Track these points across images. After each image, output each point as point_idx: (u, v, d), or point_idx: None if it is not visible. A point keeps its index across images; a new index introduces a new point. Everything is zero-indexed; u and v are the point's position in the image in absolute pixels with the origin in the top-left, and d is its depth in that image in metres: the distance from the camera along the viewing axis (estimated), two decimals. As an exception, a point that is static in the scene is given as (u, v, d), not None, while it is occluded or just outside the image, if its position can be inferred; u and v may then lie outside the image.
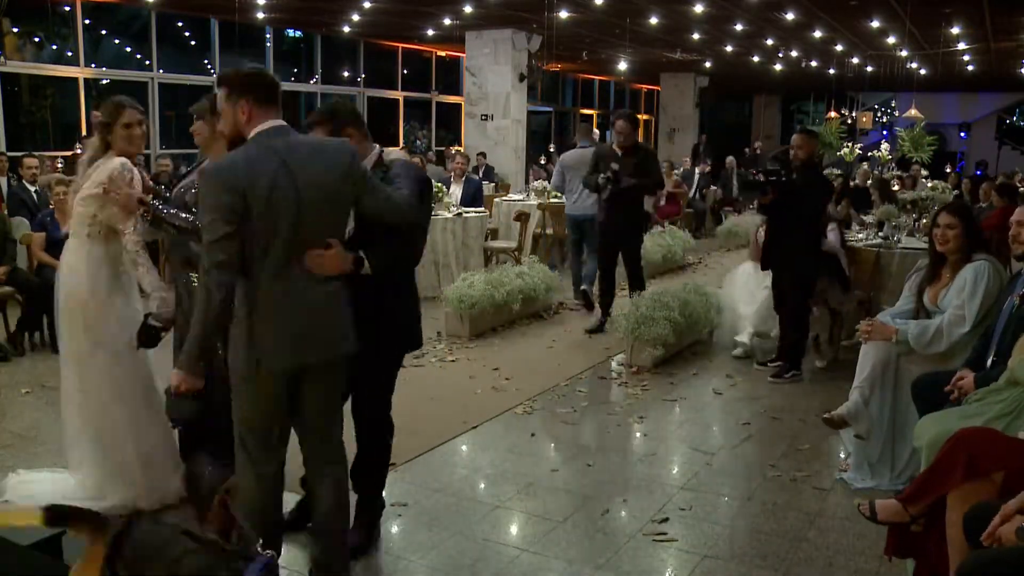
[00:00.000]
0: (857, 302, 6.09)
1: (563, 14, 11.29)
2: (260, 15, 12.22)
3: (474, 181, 9.70)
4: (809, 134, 5.75)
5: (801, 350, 5.69)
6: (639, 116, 23.93)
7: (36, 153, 8.61)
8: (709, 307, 6.40)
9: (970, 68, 17.23)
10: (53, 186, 6.67)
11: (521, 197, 10.60)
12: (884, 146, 18.07)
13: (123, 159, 3.39)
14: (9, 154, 8.98)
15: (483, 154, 13.48)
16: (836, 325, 6.11)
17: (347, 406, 3.06)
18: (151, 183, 3.62)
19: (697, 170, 13.97)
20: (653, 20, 12.08)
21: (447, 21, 12.55)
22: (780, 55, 16.19)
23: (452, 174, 9.74)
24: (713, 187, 14.50)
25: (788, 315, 5.64)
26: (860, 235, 6.76)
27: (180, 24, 13.40)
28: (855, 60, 16.51)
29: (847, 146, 18.92)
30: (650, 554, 3.31)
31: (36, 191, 7.75)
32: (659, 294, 6.13)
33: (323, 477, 2.74)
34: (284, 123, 2.59)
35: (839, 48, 14.96)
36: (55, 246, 6.25)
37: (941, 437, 2.99)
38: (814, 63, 16.92)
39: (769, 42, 14.35)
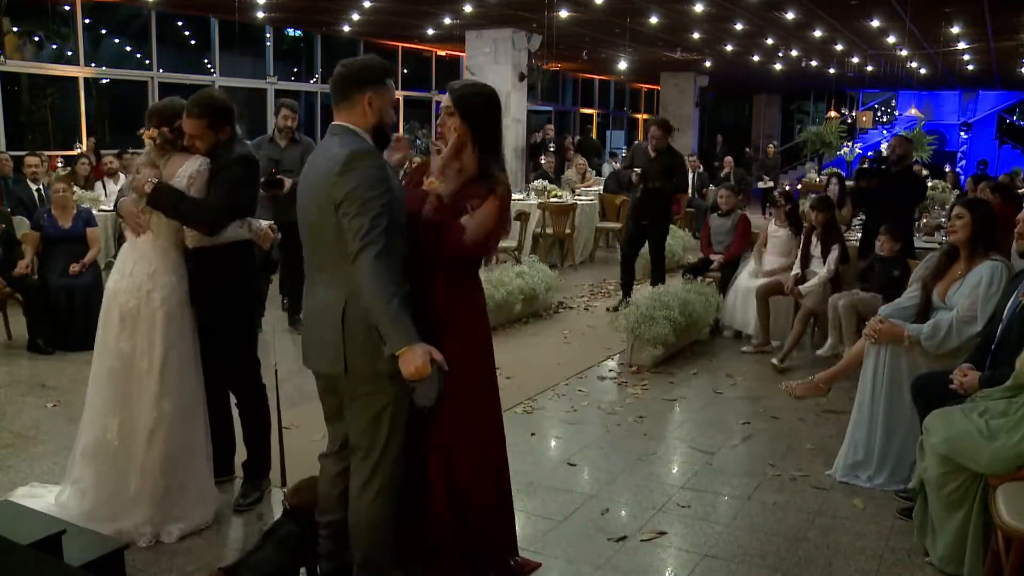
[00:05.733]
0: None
1: (563, 13, 11.29)
2: (260, 15, 12.21)
3: None
4: (905, 137, 6.73)
5: None
6: (638, 116, 24.06)
7: (35, 152, 8.60)
8: (709, 307, 6.40)
9: (970, 67, 17.22)
10: (53, 183, 6.67)
11: (521, 197, 10.60)
12: (884, 146, 18.09)
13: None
14: (21, 153, 8.96)
15: None
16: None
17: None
18: None
19: (694, 170, 13.98)
20: (653, 20, 12.07)
21: (447, 20, 12.54)
22: (780, 55, 16.18)
23: None
24: (713, 187, 14.51)
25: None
26: (860, 235, 6.77)
27: (180, 23, 13.39)
28: (855, 59, 16.50)
29: (847, 145, 18.95)
30: (650, 554, 3.31)
31: (38, 189, 7.76)
32: (659, 294, 6.14)
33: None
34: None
35: (839, 48, 14.95)
36: (53, 244, 6.26)
37: (951, 436, 3.01)
38: (814, 63, 16.91)
39: (769, 42, 14.34)
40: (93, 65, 11.69)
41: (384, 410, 2.61)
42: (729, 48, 15.11)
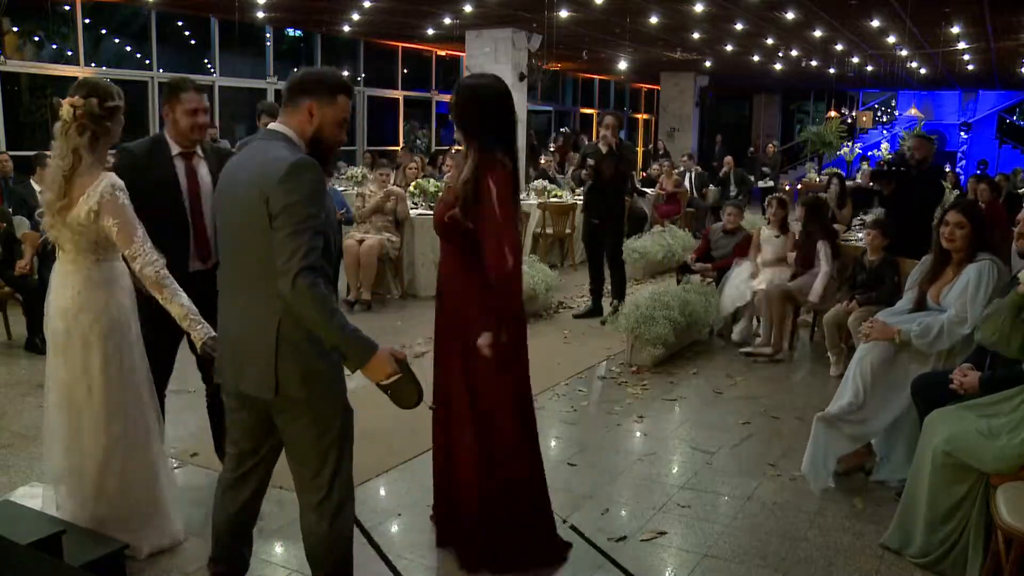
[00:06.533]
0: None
1: (563, 13, 11.28)
2: (260, 14, 12.21)
3: None
4: (925, 138, 6.75)
5: None
6: (639, 116, 24.05)
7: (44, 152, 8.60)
8: (709, 307, 6.40)
9: (970, 67, 17.22)
10: None
11: (521, 196, 10.59)
12: (884, 145, 18.08)
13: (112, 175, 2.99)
14: (21, 153, 8.94)
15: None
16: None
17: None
18: None
19: (693, 170, 13.97)
20: (653, 19, 12.08)
21: (447, 20, 12.54)
22: (780, 55, 16.18)
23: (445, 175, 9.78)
24: (713, 187, 14.50)
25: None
26: (860, 235, 6.78)
27: (180, 23, 13.39)
28: (855, 59, 16.51)
29: (847, 145, 18.96)
30: (650, 554, 3.31)
31: (40, 190, 7.74)
32: (659, 294, 6.12)
33: None
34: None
35: (839, 47, 14.96)
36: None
37: (953, 435, 3.01)
38: (814, 62, 16.91)
39: (769, 42, 14.35)
40: (93, 65, 11.69)
41: (331, 422, 2.49)
42: (729, 48, 15.11)
